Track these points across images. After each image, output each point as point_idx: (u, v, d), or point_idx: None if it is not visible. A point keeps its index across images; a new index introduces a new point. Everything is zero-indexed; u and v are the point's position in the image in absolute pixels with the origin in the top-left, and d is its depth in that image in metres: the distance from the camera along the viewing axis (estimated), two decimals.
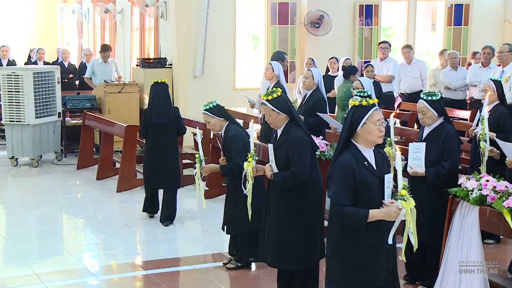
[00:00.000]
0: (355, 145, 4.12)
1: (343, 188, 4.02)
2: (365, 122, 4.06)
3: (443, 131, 5.42)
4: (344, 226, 4.07)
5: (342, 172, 4.05)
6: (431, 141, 5.46)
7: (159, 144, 7.67)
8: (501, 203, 4.75)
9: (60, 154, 11.23)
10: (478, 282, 4.91)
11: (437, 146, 5.42)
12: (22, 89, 10.52)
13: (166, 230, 7.54)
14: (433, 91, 5.57)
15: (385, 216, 3.96)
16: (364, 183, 4.02)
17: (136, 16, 13.69)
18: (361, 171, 4.03)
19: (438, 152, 5.40)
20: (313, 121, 7.70)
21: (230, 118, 6.19)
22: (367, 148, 4.12)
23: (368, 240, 4.06)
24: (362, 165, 4.05)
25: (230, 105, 11.40)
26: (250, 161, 5.30)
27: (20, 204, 8.62)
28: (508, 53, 9.20)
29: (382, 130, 4.09)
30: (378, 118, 4.08)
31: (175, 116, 7.70)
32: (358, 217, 3.97)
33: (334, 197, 4.05)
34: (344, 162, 4.06)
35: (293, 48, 13.29)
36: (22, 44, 17.54)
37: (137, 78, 12.18)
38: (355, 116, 4.09)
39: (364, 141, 4.10)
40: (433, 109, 5.45)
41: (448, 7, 14.38)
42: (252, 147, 5.34)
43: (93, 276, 6.13)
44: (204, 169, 6.06)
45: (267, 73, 8.61)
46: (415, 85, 11.17)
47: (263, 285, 5.98)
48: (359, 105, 4.12)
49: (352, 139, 4.12)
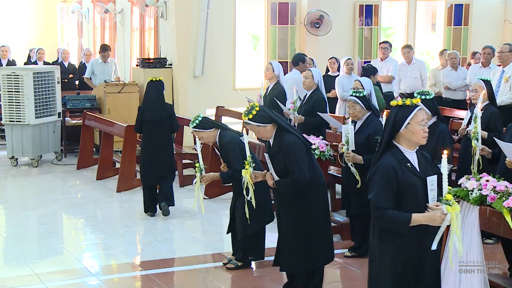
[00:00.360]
0: (397, 147, 4.01)
1: (385, 191, 3.90)
2: (409, 122, 3.94)
3: (436, 130, 5.45)
4: (386, 230, 3.97)
5: (384, 174, 3.93)
6: None
7: (153, 141, 7.88)
8: (501, 203, 4.75)
9: (60, 154, 11.23)
10: (478, 282, 4.91)
11: (430, 145, 5.42)
12: (22, 89, 10.52)
13: (166, 230, 7.54)
14: (427, 90, 5.61)
15: (429, 221, 3.83)
16: (407, 186, 3.91)
17: (136, 16, 13.69)
18: (404, 173, 3.92)
19: (431, 151, 5.39)
20: (314, 121, 7.70)
21: (220, 125, 6.21)
22: (410, 149, 4.00)
23: (412, 245, 3.94)
24: (405, 167, 3.94)
25: (230, 105, 11.42)
26: (248, 168, 5.31)
27: (20, 204, 8.62)
28: (509, 53, 9.19)
29: (426, 131, 3.99)
30: (423, 118, 3.97)
31: (167, 113, 7.87)
32: (400, 221, 3.85)
33: (376, 200, 3.92)
34: (386, 164, 3.95)
35: (293, 48, 13.29)
36: (22, 44, 17.54)
37: (137, 78, 12.18)
38: (398, 116, 3.97)
39: (407, 142, 3.99)
40: (427, 108, 5.48)
41: (448, 7, 14.38)
42: (248, 154, 5.34)
43: (93, 276, 6.13)
44: (205, 178, 6.04)
45: (268, 73, 8.63)
46: (415, 85, 11.15)
47: (263, 285, 5.97)
48: (402, 105, 3.99)
49: (394, 141, 4.01)
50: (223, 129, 6.14)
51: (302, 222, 5.08)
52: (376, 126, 6.22)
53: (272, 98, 8.36)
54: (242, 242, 6.16)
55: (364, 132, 6.27)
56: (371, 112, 6.35)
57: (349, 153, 6.19)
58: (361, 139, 6.22)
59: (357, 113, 6.30)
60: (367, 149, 6.15)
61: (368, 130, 6.25)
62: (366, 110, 6.33)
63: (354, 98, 6.30)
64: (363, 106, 6.29)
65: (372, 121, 6.32)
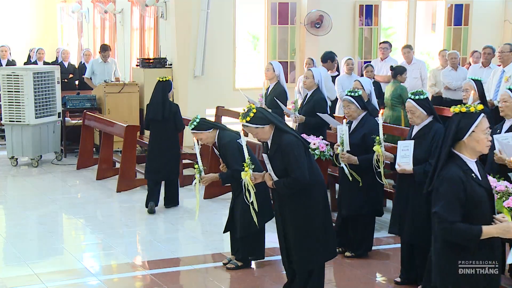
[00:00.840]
0: (459, 156, 3.81)
1: (453, 204, 3.72)
2: (473, 130, 3.75)
3: (431, 130, 5.46)
4: (451, 244, 3.78)
5: (451, 186, 3.73)
6: (420, 139, 5.49)
7: (159, 139, 8.16)
8: (501, 203, 4.75)
9: (60, 154, 11.23)
10: None
11: (426, 144, 5.45)
12: (22, 89, 10.52)
13: (166, 230, 7.54)
14: (421, 90, 5.60)
15: (502, 233, 3.69)
16: (474, 197, 3.75)
17: (136, 16, 13.69)
18: (471, 185, 3.76)
19: (426, 150, 5.43)
20: (314, 121, 7.70)
21: (219, 126, 6.22)
22: (472, 158, 3.82)
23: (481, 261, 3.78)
24: (471, 178, 3.78)
25: (230, 105, 11.41)
26: (247, 170, 5.31)
27: (20, 204, 8.62)
28: (509, 53, 9.19)
29: (490, 139, 3.84)
30: (487, 126, 3.80)
31: (171, 113, 8.08)
32: (472, 233, 3.67)
33: (443, 213, 3.72)
34: (453, 175, 3.75)
35: (293, 48, 13.30)
36: (22, 44, 17.54)
37: (137, 78, 12.18)
38: (462, 123, 3.76)
39: (470, 151, 3.80)
40: (422, 108, 5.46)
41: (448, 7, 14.39)
42: (247, 156, 5.33)
43: (93, 276, 6.13)
44: (204, 179, 6.05)
45: (268, 73, 8.62)
46: (415, 85, 11.14)
47: (263, 285, 5.97)
48: (466, 112, 3.78)
49: (454, 149, 3.81)
50: (222, 130, 6.14)
51: (303, 221, 5.08)
52: (371, 126, 6.21)
53: (272, 98, 8.35)
54: (242, 242, 6.16)
55: (359, 132, 6.26)
56: (366, 112, 6.34)
57: (344, 154, 6.19)
58: (357, 139, 6.21)
59: (352, 112, 6.29)
60: (363, 149, 6.16)
61: (364, 130, 6.24)
62: (361, 110, 6.31)
63: (349, 97, 6.30)
64: (358, 105, 6.28)
65: (367, 121, 6.31)
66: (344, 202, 6.42)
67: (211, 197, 8.77)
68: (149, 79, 11.81)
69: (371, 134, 6.10)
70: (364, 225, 6.41)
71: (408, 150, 5.45)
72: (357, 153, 6.18)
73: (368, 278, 6.05)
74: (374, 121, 6.27)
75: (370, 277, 6.09)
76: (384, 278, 6.10)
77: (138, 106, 11.67)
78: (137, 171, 9.54)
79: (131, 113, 11.54)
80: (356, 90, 6.41)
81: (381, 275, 6.16)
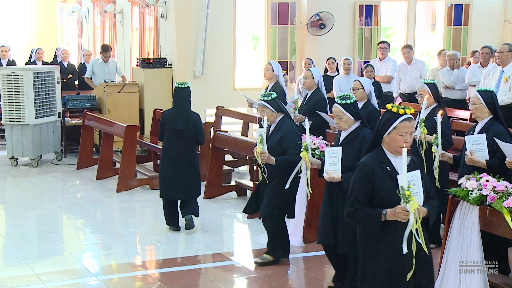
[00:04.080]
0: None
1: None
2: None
3: (359, 135, 5.25)
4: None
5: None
6: (348, 145, 5.29)
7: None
8: (501, 203, 4.75)
9: (60, 154, 11.23)
10: (478, 282, 4.92)
11: (354, 150, 5.24)
12: (22, 89, 10.52)
13: (166, 230, 7.54)
14: (348, 94, 5.39)
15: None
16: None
17: (136, 16, 13.70)
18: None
19: (354, 156, 5.16)
20: (314, 121, 7.69)
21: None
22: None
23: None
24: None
25: (230, 105, 11.43)
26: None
27: (20, 204, 8.63)
28: (508, 53, 9.19)
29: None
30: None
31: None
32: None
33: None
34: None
35: (293, 48, 13.30)
36: (22, 44, 17.54)
37: (137, 78, 12.18)
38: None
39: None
40: (349, 113, 5.26)
41: (448, 7, 14.38)
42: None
43: (93, 276, 6.13)
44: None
45: (267, 73, 8.61)
46: (415, 85, 11.14)
47: (264, 285, 5.97)
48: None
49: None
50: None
51: None
52: (288, 129, 6.09)
53: None
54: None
55: (276, 135, 6.09)
56: (283, 115, 6.19)
57: (265, 152, 5.98)
58: (273, 142, 6.06)
59: (268, 116, 6.09)
60: (279, 152, 6.03)
61: (280, 134, 6.10)
62: (277, 113, 6.15)
63: (262, 102, 6.13)
64: (273, 109, 6.12)
65: (284, 123, 6.14)
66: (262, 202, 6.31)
67: (211, 197, 8.77)
68: (149, 79, 11.83)
69: (286, 137, 6.01)
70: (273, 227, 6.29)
71: (336, 157, 5.25)
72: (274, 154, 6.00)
73: None
74: (290, 124, 6.17)
75: None
76: None
77: (138, 106, 11.68)
78: (137, 171, 9.54)
79: (131, 113, 11.55)
80: (270, 93, 6.21)
81: None
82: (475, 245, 4.94)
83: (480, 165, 5.42)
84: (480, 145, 5.45)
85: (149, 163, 10.64)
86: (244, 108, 11.38)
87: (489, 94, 5.63)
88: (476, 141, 5.46)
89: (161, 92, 11.94)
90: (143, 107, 11.80)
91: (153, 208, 8.45)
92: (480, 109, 5.62)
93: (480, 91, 5.68)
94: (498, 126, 5.57)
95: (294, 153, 5.93)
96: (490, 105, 5.58)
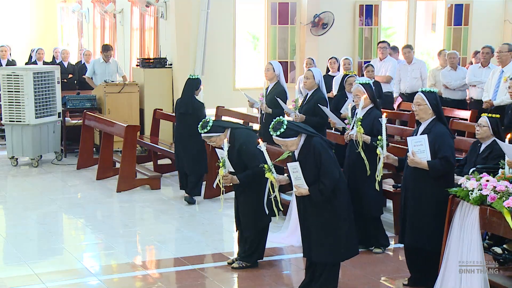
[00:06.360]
0: None
1: None
2: None
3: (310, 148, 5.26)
4: None
5: None
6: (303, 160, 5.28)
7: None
8: (501, 203, 4.75)
9: (60, 154, 11.23)
10: (478, 282, 4.92)
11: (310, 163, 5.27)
12: (22, 89, 10.52)
13: (166, 230, 7.54)
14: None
15: None
16: None
17: (136, 16, 13.70)
18: None
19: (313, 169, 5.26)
20: (315, 121, 7.70)
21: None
22: None
23: None
24: None
25: (230, 105, 11.42)
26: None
27: (20, 204, 8.62)
28: (508, 53, 9.20)
29: None
30: None
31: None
32: None
33: None
34: None
35: (293, 48, 13.30)
36: (22, 44, 17.55)
37: (137, 78, 12.18)
38: None
39: None
40: None
41: (448, 7, 14.39)
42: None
43: (93, 276, 6.13)
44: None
45: (268, 73, 8.61)
46: (415, 85, 11.16)
47: (264, 285, 5.97)
48: None
49: None
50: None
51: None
52: (240, 142, 5.95)
53: (272, 98, 8.35)
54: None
55: (233, 151, 5.96)
56: (229, 130, 6.03)
57: (227, 175, 5.93)
58: (234, 158, 5.95)
59: (218, 142, 5.98)
60: (242, 165, 5.96)
61: (236, 147, 5.96)
62: (223, 134, 5.98)
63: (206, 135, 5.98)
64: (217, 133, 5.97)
65: (235, 137, 5.99)
66: None
67: (211, 197, 8.76)
68: (149, 79, 11.83)
69: (241, 150, 5.90)
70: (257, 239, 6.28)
71: (298, 172, 5.25)
72: (239, 170, 5.97)
73: (368, 278, 6.05)
74: (240, 134, 6.01)
75: (371, 277, 6.09)
76: (385, 278, 6.10)
77: (138, 106, 11.68)
78: (137, 171, 9.54)
79: (131, 113, 11.54)
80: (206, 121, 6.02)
81: (381, 275, 6.16)
82: (476, 245, 4.94)
83: (422, 166, 5.38)
84: (422, 146, 5.40)
85: (149, 163, 10.64)
86: (245, 108, 11.39)
87: (434, 95, 5.60)
88: (418, 142, 5.44)
89: (161, 92, 11.94)
90: (143, 107, 11.80)
91: (153, 208, 8.46)
92: (424, 110, 5.57)
93: (424, 92, 5.62)
94: (440, 126, 5.53)
95: (255, 165, 5.80)
96: (434, 106, 5.55)
